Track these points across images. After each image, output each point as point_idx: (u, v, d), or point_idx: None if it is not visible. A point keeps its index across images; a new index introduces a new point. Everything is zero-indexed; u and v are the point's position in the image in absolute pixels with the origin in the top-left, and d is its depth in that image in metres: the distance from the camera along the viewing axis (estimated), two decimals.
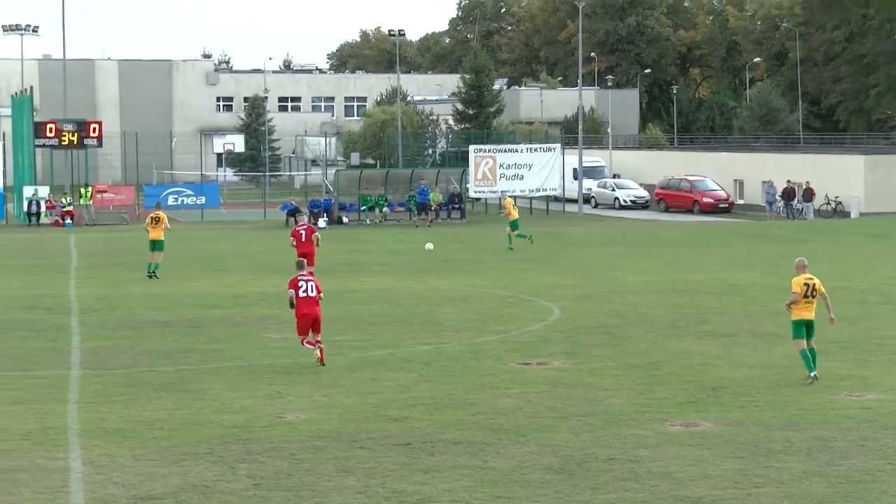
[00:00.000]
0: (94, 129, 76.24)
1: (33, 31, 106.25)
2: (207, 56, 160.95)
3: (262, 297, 36.15)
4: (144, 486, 16.42)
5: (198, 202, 77.37)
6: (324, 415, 20.49)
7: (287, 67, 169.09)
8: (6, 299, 36.06)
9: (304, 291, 25.38)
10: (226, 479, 16.72)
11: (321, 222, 68.73)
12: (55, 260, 49.55)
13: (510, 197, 60.16)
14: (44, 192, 75.17)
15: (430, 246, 52.16)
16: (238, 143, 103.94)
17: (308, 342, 25.50)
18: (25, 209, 73.83)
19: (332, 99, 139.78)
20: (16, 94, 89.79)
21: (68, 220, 72.18)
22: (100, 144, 77.79)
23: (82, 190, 74.54)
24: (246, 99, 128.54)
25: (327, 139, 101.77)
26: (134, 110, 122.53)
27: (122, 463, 17.47)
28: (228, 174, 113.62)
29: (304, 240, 37.99)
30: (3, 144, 79.14)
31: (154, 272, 41.30)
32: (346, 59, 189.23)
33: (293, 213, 69.68)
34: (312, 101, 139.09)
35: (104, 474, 16.90)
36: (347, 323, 30.97)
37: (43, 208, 73.42)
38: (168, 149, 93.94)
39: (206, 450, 18.18)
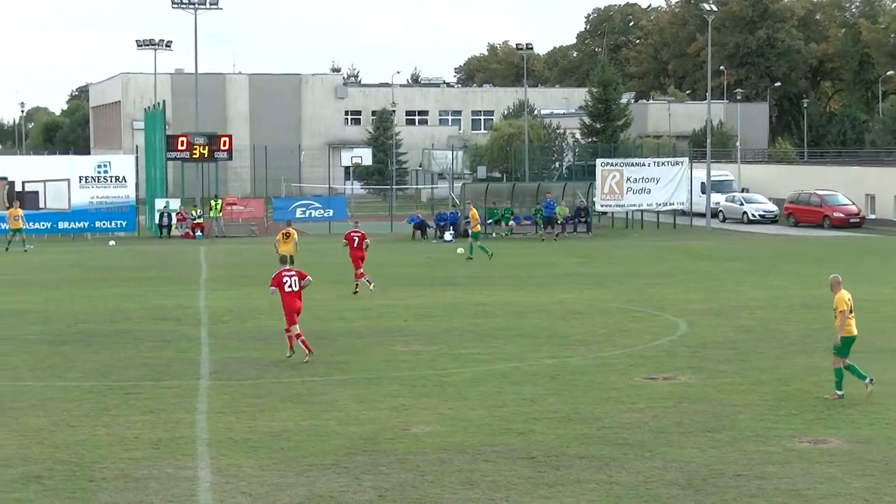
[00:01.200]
0: (225, 142, 77.21)
1: (166, 45, 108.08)
2: (336, 70, 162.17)
3: (388, 310, 36.31)
4: (271, 496, 16.56)
5: (325, 215, 77.94)
6: (449, 427, 20.51)
7: (415, 81, 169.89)
8: (138, 310, 36.62)
9: (288, 287, 27.60)
10: (351, 490, 16.81)
11: (447, 235, 68.92)
12: (185, 272, 50.23)
13: (475, 208, 60.49)
14: (175, 204, 76.29)
15: (461, 251, 52.19)
16: (366, 156, 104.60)
17: (297, 334, 27.44)
18: (157, 221, 74.98)
19: (459, 112, 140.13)
20: (149, 107, 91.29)
21: (198, 233, 73.16)
22: (230, 157, 78.76)
23: (212, 202, 75.49)
24: (374, 112, 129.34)
25: (454, 152, 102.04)
26: (264, 124, 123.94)
27: (250, 473, 17.64)
28: (356, 187, 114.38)
29: (356, 245, 41.61)
30: (137, 157, 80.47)
31: None
32: (474, 73, 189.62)
33: (420, 226, 70.01)
34: (440, 115, 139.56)
35: (232, 484, 17.08)
36: (473, 336, 31.01)
37: (174, 220, 74.49)
38: (297, 162, 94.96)
39: (332, 461, 18.29)
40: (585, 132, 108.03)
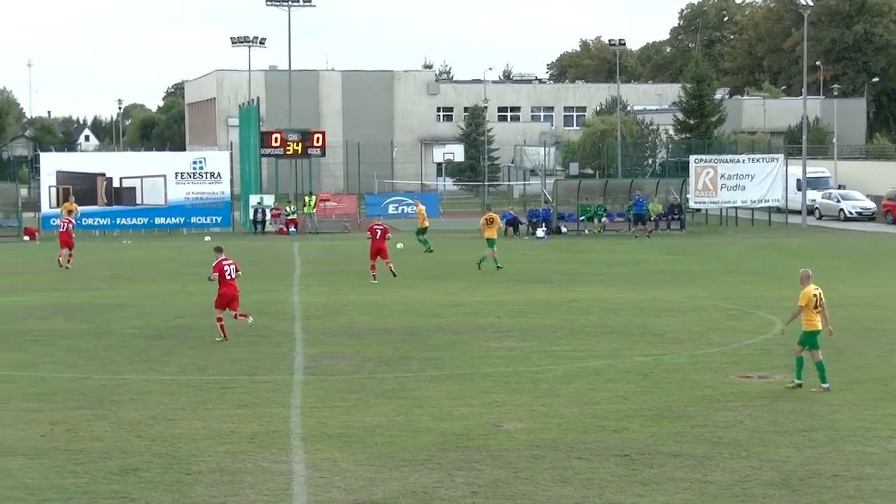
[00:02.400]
0: (318, 138, 77.63)
1: (260, 43, 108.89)
2: (428, 66, 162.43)
3: (482, 306, 36.33)
4: (365, 490, 16.63)
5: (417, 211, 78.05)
6: (542, 424, 20.48)
7: (507, 77, 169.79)
8: None
9: (228, 274, 30.65)
10: (444, 486, 16.84)
11: (539, 232, 68.80)
12: (280, 267, 50.57)
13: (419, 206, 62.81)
14: (269, 200, 76.81)
15: (400, 245, 54.20)
16: (458, 152, 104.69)
17: (220, 318, 30.20)
18: (251, 217, 75.55)
19: (551, 109, 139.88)
20: (243, 104, 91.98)
21: (292, 229, 73.61)
22: (323, 154, 79.16)
23: (307, 198, 75.91)
24: (466, 109, 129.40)
25: (546, 149, 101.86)
26: (356, 120, 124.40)
27: (344, 467, 17.72)
28: (448, 183, 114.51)
29: (378, 237, 44.02)
30: (231, 153, 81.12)
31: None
32: (566, 69, 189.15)
33: (512, 222, 69.98)
34: (532, 111, 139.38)
35: (326, 478, 17.17)
36: (566, 332, 30.95)
37: (268, 216, 75.00)
38: (389, 158, 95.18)
39: (426, 456, 18.33)
40: (679, 128, 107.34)
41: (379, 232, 44.28)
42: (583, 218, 73.82)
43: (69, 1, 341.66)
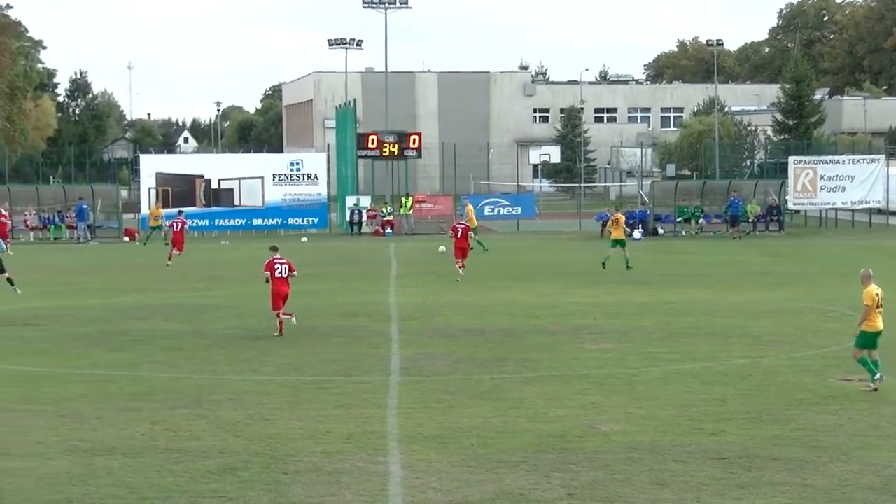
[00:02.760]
0: (414, 140, 77.88)
1: (357, 45, 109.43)
2: (525, 68, 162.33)
3: (577, 308, 36.23)
4: (461, 491, 16.63)
5: (514, 212, 78.08)
6: (638, 426, 20.37)
7: (603, 78, 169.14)
8: (329, 306, 37.12)
9: (279, 273, 31.28)
10: (540, 487, 16.79)
11: (636, 233, 68.47)
12: (376, 268, 50.76)
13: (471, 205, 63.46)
14: (365, 201, 77.17)
15: (442, 249, 53.94)
16: (554, 154, 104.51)
17: (281, 314, 31.04)
18: (347, 218, 75.93)
19: (648, 110, 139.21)
20: (340, 106, 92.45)
21: (388, 230, 73.87)
22: (419, 155, 79.40)
23: (403, 200, 76.17)
24: (562, 110, 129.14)
25: (643, 150, 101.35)
26: (452, 121, 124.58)
27: (440, 468, 17.73)
28: (544, 185, 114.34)
29: (459, 236, 45.10)
30: (328, 155, 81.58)
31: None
32: (663, 70, 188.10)
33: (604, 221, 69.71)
34: (628, 112, 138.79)
35: (422, 479, 17.19)
36: (663, 334, 30.77)
37: (364, 217, 75.35)
38: (485, 160, 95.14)
39: (521, 458, 18.30)
40: (777, 129, 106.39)
41: (460, 231, 45.35)
42: (680, 219, 73.39)
43: (169, 4, 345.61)
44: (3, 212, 66.06)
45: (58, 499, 16.25)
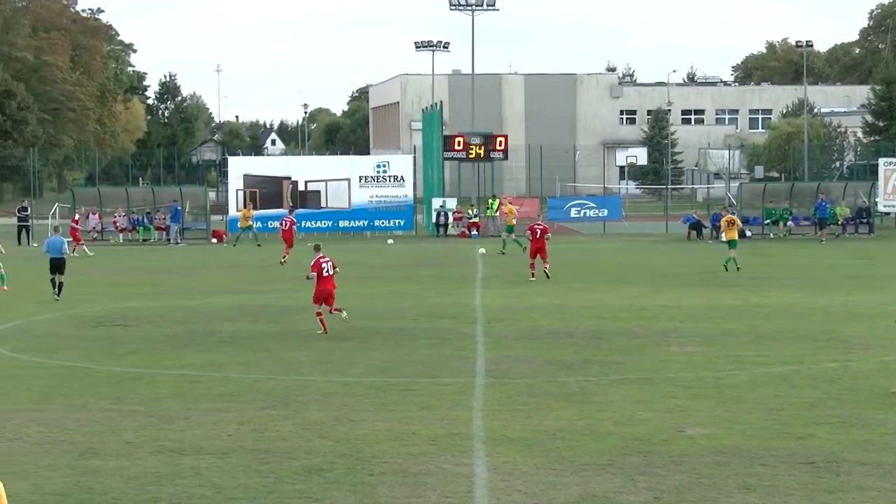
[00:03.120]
0: (501, 142, 77.91)
1: (444, 47, 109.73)
2: (612, 69, 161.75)
3: (663, 310, 36.05)
4: (546, 494, 16.60)
5: (600, 214, 77.90)
6: (725, 430, 20.22)
7: (691, 80, 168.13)
8: (416, 308, 37.20)
9: (325, 272, 31.94)
10: (626, 491, 16.73)
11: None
12: (461, 270, 50.81)
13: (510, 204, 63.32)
14: (451, 203, 77.28)
15: (482, 250, 55.18)
16: (641, 155, 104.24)
17: (318, 312, 31.90)
18: (434, 220, 76.08)
19: (736, 111, 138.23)
20: (427, 108, 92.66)
21: (474, 232, 73.92)
22: (505, 157, 79.42)
23: (490, 202, 76.20)
24: (649, 112, 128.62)
25: (731, 152, 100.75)
26: (539, 123, 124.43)
27: (525, 471, 17.71)
28: (630, 187, 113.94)
29: (537, 237, 45.21)
30: (415, 157, 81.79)
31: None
32: (752, 71, 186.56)
33: (695, 226, 69.33)
34: (716, 114, 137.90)
35: (507, 481, 17.18)
36: (750, 338, 30.53)
37: (450, 219, 75.46)
38: (571, 161, 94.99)
39: (607, 461, 18.23)
40: (868, 131, 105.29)
41: (539, 231, 45.34)
42: (768, 221, 72.85)
43: (257, 7, 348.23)
44: (77, 217, 66.60)
45: (146, 498, 16.41)
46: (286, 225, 57.77)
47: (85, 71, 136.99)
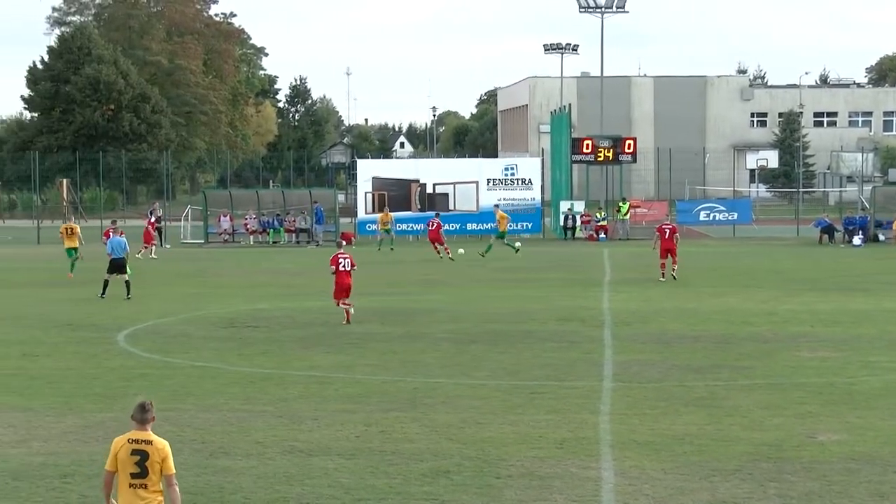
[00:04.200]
0: (629, 145, 77.49)
1: (573, 50, 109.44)
2: (742, 71, 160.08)
3: (794, 315, 35.60)
4: (674, 499, 16.50)
5: (729, 218, 77.15)
6: (857, 437, 19.92)
7: (823, 82, 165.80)
8: (543, 311, 37.15)
9: (343, 266, 34.09)
10: (755, 497, 16.56)
11: (856, 240, 67.00)
12: (590, 273, 50.64)
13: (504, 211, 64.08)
14: (579, 206, 77.05)
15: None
16: (771, 158, 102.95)
17: (341, 303, 34.28)
18: (561, 223, 75.91)
19: (869, 114, 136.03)
20: (555, 111, 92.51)
21: (602, 235, 73.63)
22: (634, 160, 78.97)
23: (620, 205, 75.87)
24: (780, 114, 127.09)
25: (864, 155, 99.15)
26: (668, 126, 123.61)
27: (653, 475, 17.62)
28: (761, 190, 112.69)
29: (666, 237, 45.54)
30: (543, 160, 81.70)
31: None
32: (886, 73, 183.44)
33: (827, 230, 68.42)
34: (849, 116, 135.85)
35: (635, 486, 17.10)
36: (883, 343, 30.04)
37: (578, 222, 75.23)
38: (701, 164, 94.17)
39: (736, 466, 18.06)
40: None
41: (668, 231, 45.80)
42: None
43: (387, 11, 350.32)
44: (152, 220, 66.86)
45: (275, 498, 16.59)
46: (433, 225, 59.62)
47: (217, 74, 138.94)
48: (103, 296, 41.64)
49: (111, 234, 46.51)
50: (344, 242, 36.63)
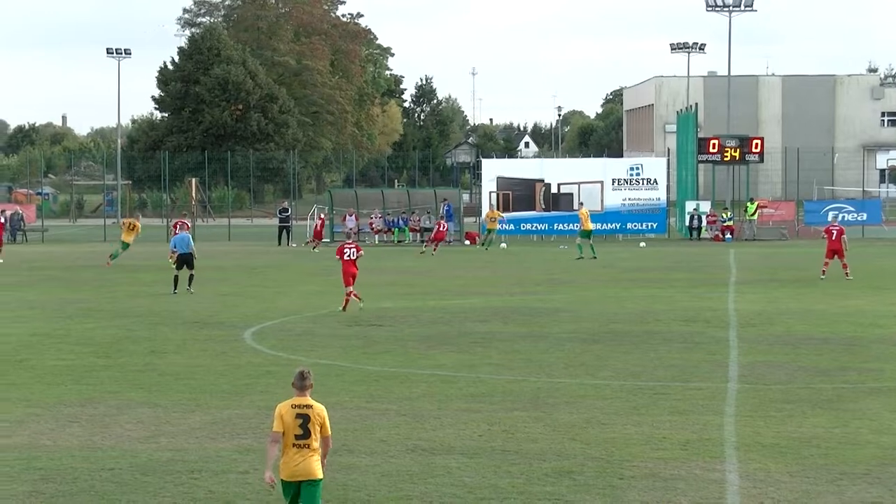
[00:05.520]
0: (756, 144, 76.74)
1: (700, 48, 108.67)
2: (873, 70, 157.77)
3: None
4: (800, 502, 16.30)
5: (859, 219, 76.08)
6: None
7: None
8: (668, 311, 36.92)
9: (348, 256, 36.73)
10: (884, 501, 16.30)
11: None
12: (715, 274, 50.22)
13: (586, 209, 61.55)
14: (705, 207, 76.43)
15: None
16: None
17: (347, 293, 36.72)
18: (687, 223, 75.38)
19: None
20: (681, 110, 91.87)
21: (728, 235, 72.98)
22: (761, 160, 78.18)
23: (748, 205, 75.16)
24: None
25: None
26: (796, 125, 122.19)
27: (778, 478, 17.42)
28: (891, 190, 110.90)
29: (833, 238, 45.92)
30: (668, 160, 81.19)
31: None
32: None
33: None
34: None
35: (760, 489, 16.93)
36: None
37: (704, 223, 74.64)
38: (829, 164, 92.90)
39: (864, 470, 17.80)
40: None
41: (835, 233, 46.32)
42: None
43: (512, 11, 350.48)
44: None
45: (398, 496, 16.67)
46: (441, 226, 65.62)
47: (344, 75, 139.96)
48: (175, 291, 42.23)
49: (177, 229, 47.71)
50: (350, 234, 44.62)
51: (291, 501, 13.88)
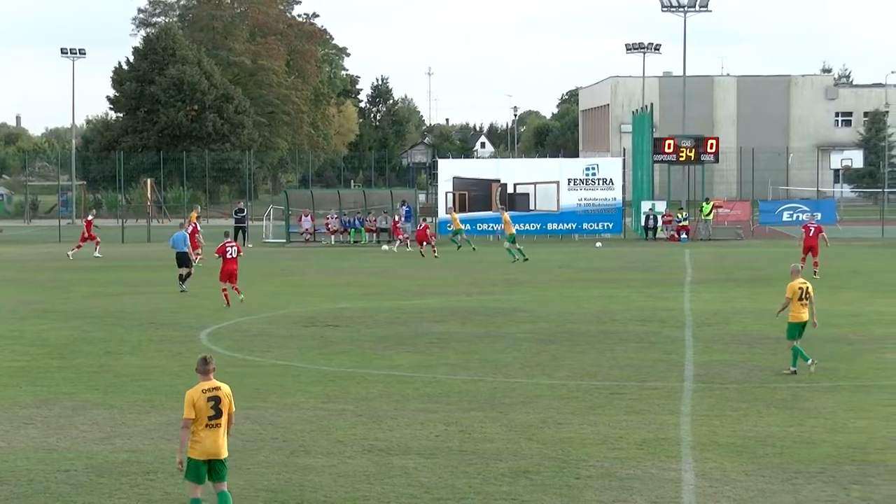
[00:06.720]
0: (712, 144, 76.97)
1: (655, 49, 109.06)
2: (827, 71, 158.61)
3: (879, 316, 35.23)
4: (755, 501, 16.38)
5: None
6: None
7: None
8: (624, 311, 37.02)
9: (230, 254, 38.32)
10: (838, 500, 16.40)
11: None
12: (671, 274, 50.38)
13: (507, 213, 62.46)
14: (661, 207, 76.65)
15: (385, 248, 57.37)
16: (856, 158, 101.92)
17: (224, 289, 38.20)
18: (642, 223, 75.59)
19: None
20: (637, 110, 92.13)
21: (683, 235, 73.22)
22: (716, 160, 78.44)
23: (703, 205, 75.42)
24: (866, 114, 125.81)
25: None
26: (751, 125, 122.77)
27: (734, 477, 17.50)
28: (845, 190, 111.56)
29: (811, 234, 47.55)
30: (624, 160, 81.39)
31: None
32: None
33: None
34: None
35: (716, 487, 17.00)
36: None
37: (660, 223, 74.86)
38: (784, 164, 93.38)
39: (819, 469, 17.90)
40: None
41: (812, 230, 48.13)
42: None
43: (468, 11, 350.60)
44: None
45: (355, 496, 16.65)
46: (421, 226, 62.99)
47: (300, 75, 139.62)
48: (183, 290, 42.51)
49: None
50: (229, 232, 44.50)
51: (200, 478, 14.76)
